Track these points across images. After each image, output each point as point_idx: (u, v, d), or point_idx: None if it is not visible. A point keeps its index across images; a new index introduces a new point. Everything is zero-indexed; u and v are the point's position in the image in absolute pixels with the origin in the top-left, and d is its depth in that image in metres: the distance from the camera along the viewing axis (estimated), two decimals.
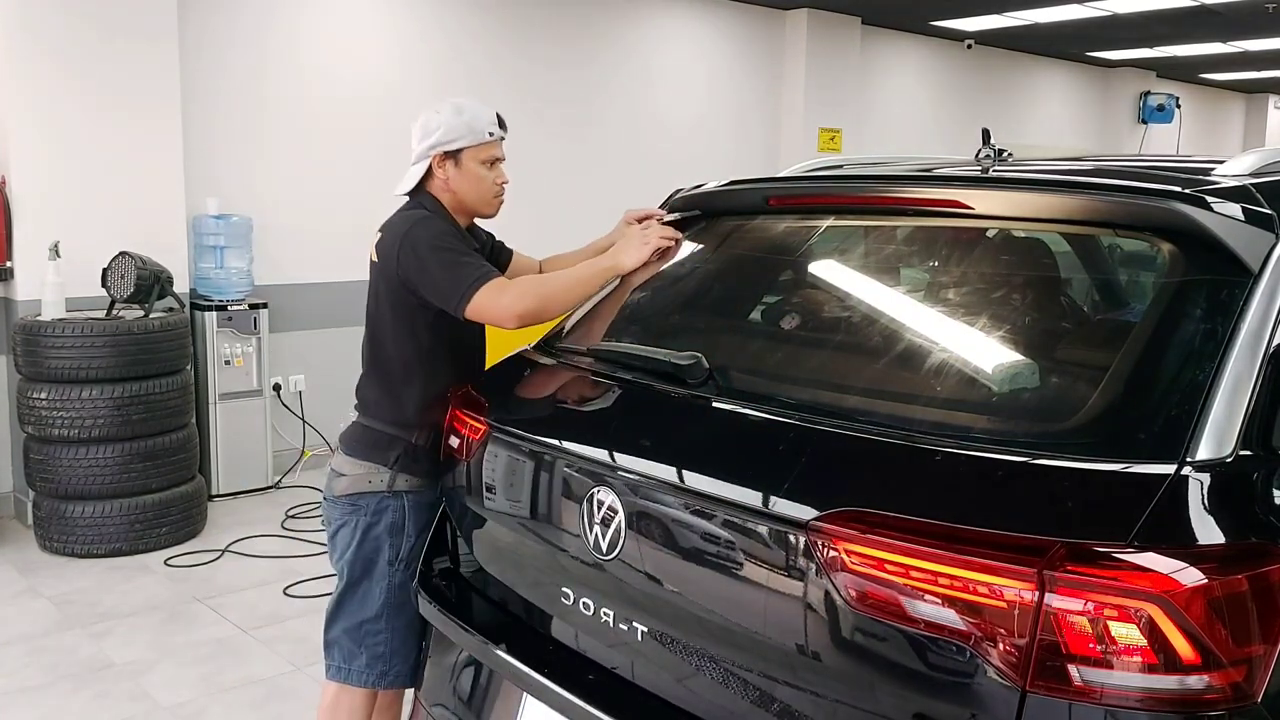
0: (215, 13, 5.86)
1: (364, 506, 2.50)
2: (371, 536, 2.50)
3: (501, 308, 2.31)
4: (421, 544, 2.50)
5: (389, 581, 2.49)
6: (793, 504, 1.59)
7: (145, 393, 4.91)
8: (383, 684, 2.53)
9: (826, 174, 2.46)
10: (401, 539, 2.49)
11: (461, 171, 2.51)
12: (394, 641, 2.51)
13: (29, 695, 3.59)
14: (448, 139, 2.48)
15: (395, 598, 2.49)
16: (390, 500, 2.49)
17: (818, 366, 2.05)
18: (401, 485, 2.49)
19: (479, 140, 2.49)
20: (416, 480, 2.49)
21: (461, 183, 2.52)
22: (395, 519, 2.49)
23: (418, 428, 2.48)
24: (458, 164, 2.50)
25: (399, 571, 2.49)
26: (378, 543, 2.49)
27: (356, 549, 2.50)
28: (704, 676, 1.75)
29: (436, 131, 2.48)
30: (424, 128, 2.51)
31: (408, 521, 2.49)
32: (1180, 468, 1.40)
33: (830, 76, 8.97)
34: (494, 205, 2.61)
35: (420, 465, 2.49)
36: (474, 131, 2.48)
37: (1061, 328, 2.02)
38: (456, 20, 6.90)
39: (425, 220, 2.46)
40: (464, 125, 2.47)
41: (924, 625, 1.43)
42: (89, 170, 5.28)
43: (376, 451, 2.51)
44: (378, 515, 2.49)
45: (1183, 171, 1.95)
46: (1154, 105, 12.18)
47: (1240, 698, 1.33)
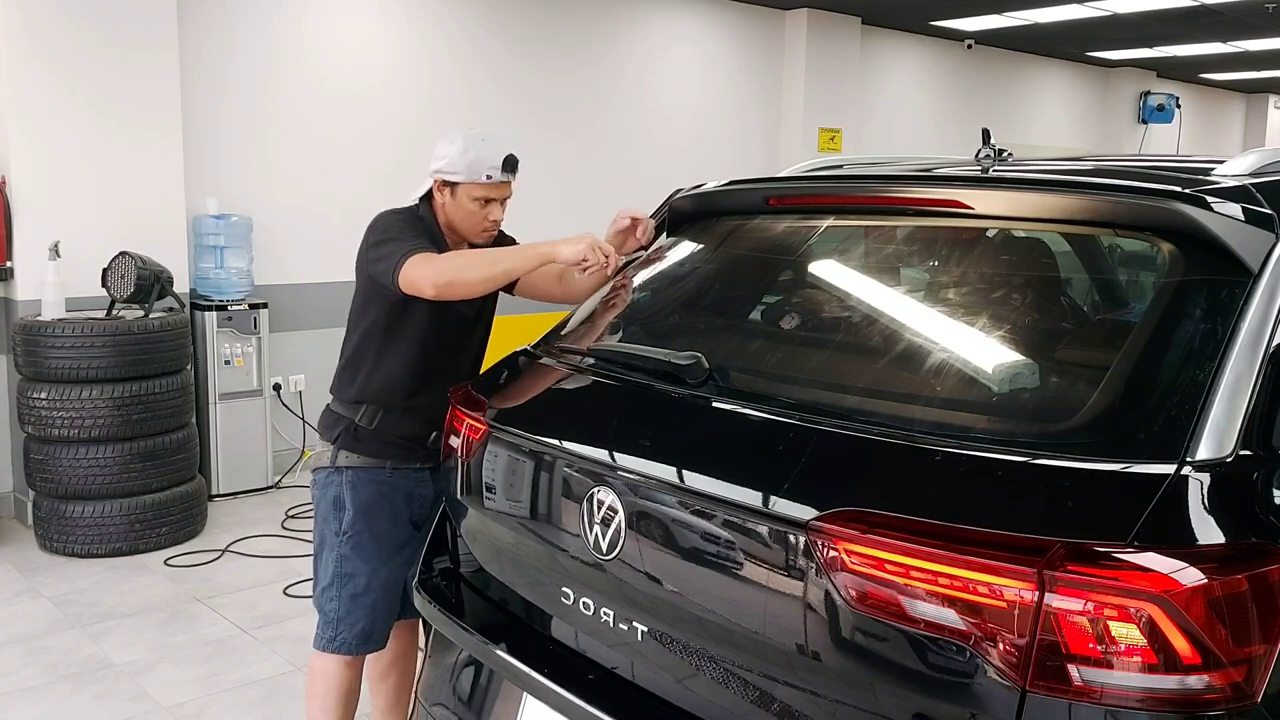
0: (215, 13, 5.86)
1: (318, 481, 2.72)
2: (322, 510, 2.71)
3: (422, 275, 2.42)
4: (369, 520, 2.64)
5: (337, 552, 2.65)
6: (793, 504, 1.59)
7: (145, 393, 4.91)
8: (330, 648, 2.66)
9: (826, 174, 2.46)
10: (343, 513, 2.64)
11: (456, 202, 2.65)
12: (340, 609, 2.65)
13: (29, 695, 3.59)
14: (448, 171, 2.62)
15: (342, 568, 2.64)
16: (334, 475, 2.67)
17: (818, 366, 2.04)
18: (343, 461, 2.66)
19: (474, 179, 2.61)
20: (357, 458, 2.65)
21: (454, 211, 2.66)
22: (337, 493, 2.66)
23: (363, 406, 2.64)
24: (453, 195, 2.64)
25: (344, 543, 2.64)
26: (326, 516, 2.69)
27: (317, 521, 2.74)
28: (704, 676, 1.75)
29: (442, 160, 2.62)
30: (437, 151, 2.65)
31: (346, 497, 2.64)
32: (1180, 468, 1.40)
33: (830, 76, 8.97)
34: (482, 238, 2.70)
35: (362, 444, 2.65)
36: (472, 171, 2.60)
37: (1062, 328, 2.02)
38: (455, 21, 6.90)
39: (389, 213, 2.65)
40: (465, 163, 2.59)
41: (924, 625, 1.43)
42: (89, 170, 5.28)
43: (326, 429, 2.74)
44: (324, 489, 2.69)
45: (1183, 171, 1.95)
46: (1154, 105, 12.18)
47: (1240, 698, 1.33)
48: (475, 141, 2.61)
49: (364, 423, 2.65)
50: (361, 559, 2.64)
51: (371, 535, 2.64)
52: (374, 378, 2.65)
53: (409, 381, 2.65)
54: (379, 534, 2.65)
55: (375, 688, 2.97)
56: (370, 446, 2.65)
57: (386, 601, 2.68)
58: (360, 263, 2.61)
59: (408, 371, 2.64)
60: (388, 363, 2.64)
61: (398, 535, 2.68)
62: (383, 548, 2.66)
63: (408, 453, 2.68)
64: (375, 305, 2.62)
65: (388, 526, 2.66)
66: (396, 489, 2.68)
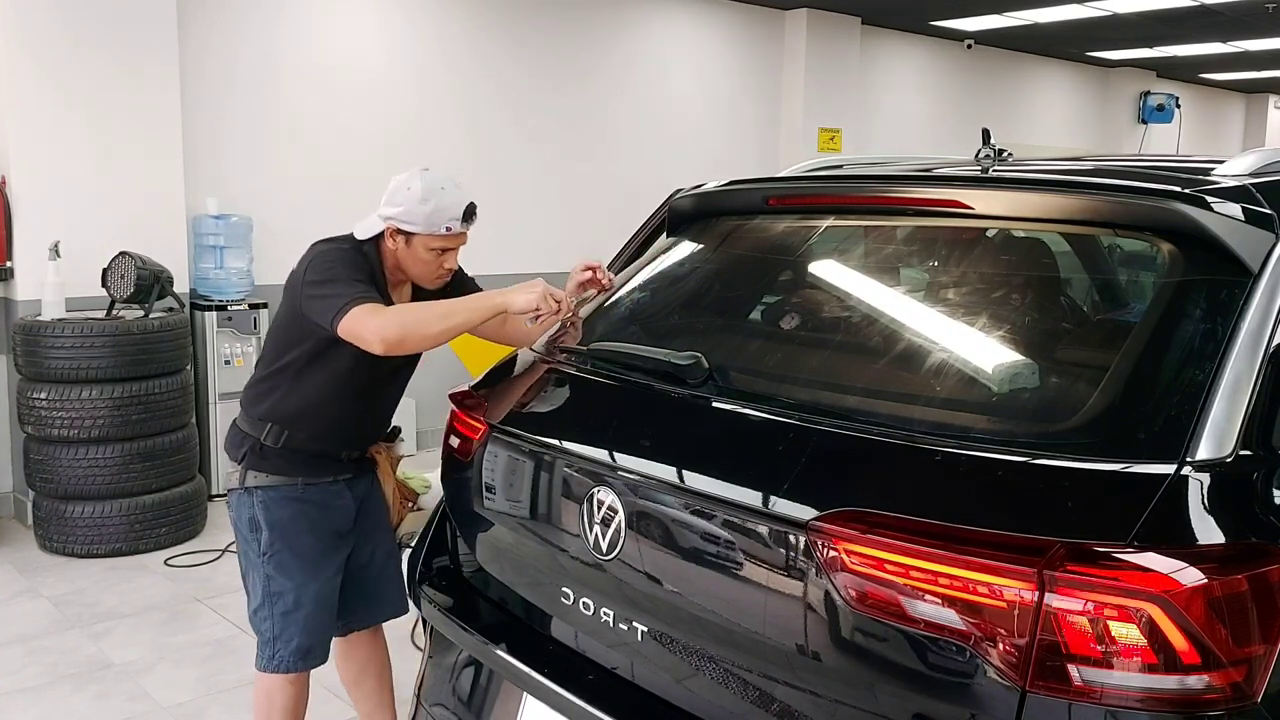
0: (215, 14, 5.86)
1: (231, 503, 2.66)
2: (241, 532, 2.66)
3: (369, 329, 2.31)
4: (287, 538, 2.58)
5: (262, 572, 2.60)
6: (793, 504, 1.59)
7: (145, 393, 4.91)
8: (270, 667, 2.62)
9: (826, 174, 2.46)
10: (260, 533, 2.59)
11: (410, 250, 2.53)
12: (275, 628, 2.60)
13: (29, 695, 3.59)
14: (405, 220, 2.49)
15: (271, 586, 2.60)
16: (245, 496, 2.61)
17: (817, 366, 2.04)
18: (252, 482, 2.59)
19: (433, 232, 2.49)
20: (265, 477, 2.59)
21: (407, 259, 2.55)
22: (251, 514, 2.60)
23: (267, 424, 2.57)
24: (408, 243, 2.52)
25: (267, 563, 2.59)
26: (245, 537, 2.64)
27: (238, 542, 2.69)
28: (704, 676, 1.75)
29: (398, 208, 2.49)
30: (391, 193, 2.51)
31: (260, 517, 2.59)
32: (1180, 468, 1.40)
33: (830, 76, 8.97)
34: (433, 284, 2.61)
35: (269, 463, 2.58)
36: (430, 223, 2.48)
37: (1061, 328, 2.02)
38: (454, 22, 6.90)
39: (331, 249, 2.52)
40: (423, 215, 2.47)
41: (924, 625, 1.43)
42: (89, 170, 5.28)
43: (232, 448, 2.66)
44: (238, 511, 2.64)
45: (1183, 171, 1.95)
46: (1154, 105, 12.18)
47: (1240, 698, 1.33)
48: (434, 190, 2.47)
49: (270, 441, 2.57)
50: (286, 577, 2.59)
51: (293, 552, 2.59)
52: (287, 402, 2.57)
53: (324, 410, 2.58)
54: (301, 550, 2.60)
55: (353, 694, 2.97)
56: (278, 464, 2.59)
57: (320, 615, 2.63)
58: (293, 291, 2.50)
59: (325, 403, 2.57)
60: (305, 391, 2.56)
61: (321, 548, 2.62)
62: (307, 563, 2.60)
63: (318, 469, 2.62)
64: (304, 336, 2.51)
65: (309, 541, 2.61)
66: (311, 503, 2.62)
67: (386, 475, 2.82)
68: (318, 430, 2.60)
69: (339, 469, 2.66)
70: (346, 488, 2.68)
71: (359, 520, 2.73)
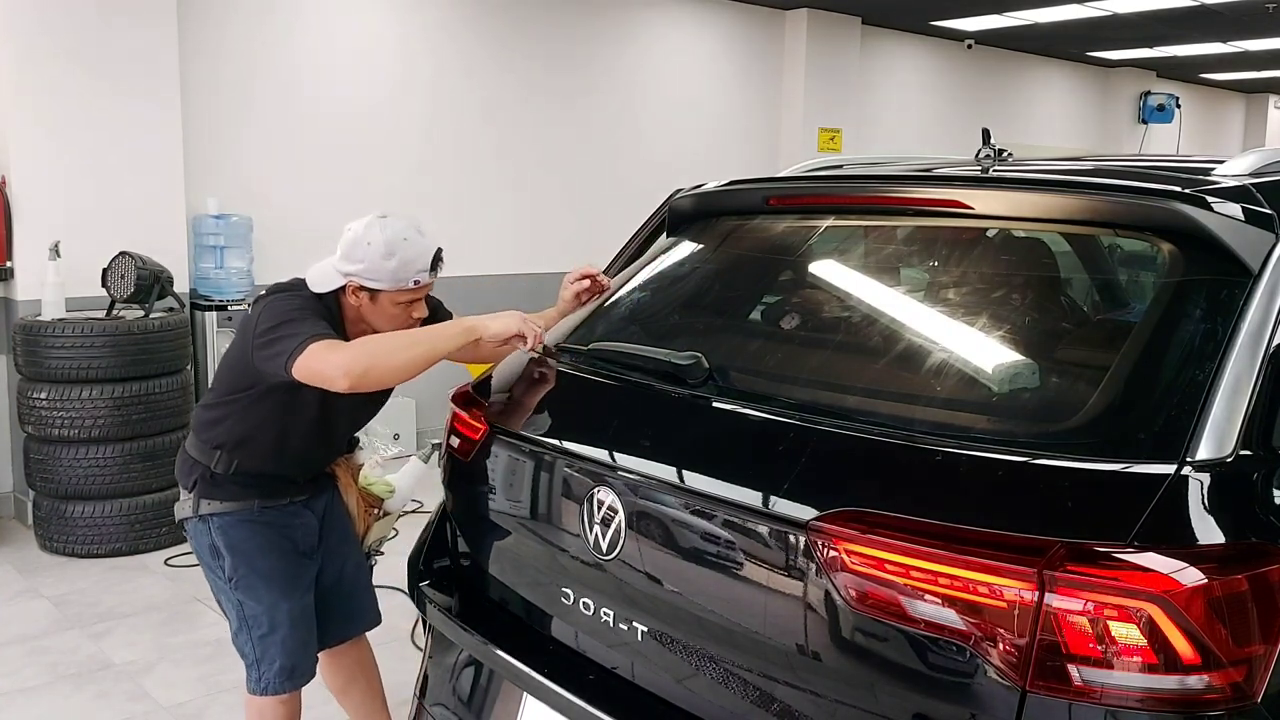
0: (215, 14, 5.86)
1: (188, 531, 2.58)
2: (203, 560, 2.58)
3: (331, 365, 2.18)
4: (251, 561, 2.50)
5: (233, 598, 2.54)
6: (793, 504, 1.59)
7: (145, 393, 4.91)
8: (258, 690, 2.56)
9: (826, 174, 2.46)
10: (224, 559, 2.51)
11: (376, 306, 2.39)
12: (256, 651, 2.54)
13: (29, 695, 3.59)
14: (368, 278, 2.34)
15: (245, 611, 2.53)
16: (199, 524, 2.53)
17: (818, 366, 2.04)
18: (205, 510, 2.51)
19: (400, 287, 2.36)
20: (219, 504, 2.50)
21: (372, 314, 2.41)
22: (209, 541, 2.53)
23: (217, 452, 2.48)
24: (373, 300, 2.38)
25: (235, 588, 2.52)
26: (209, 564, 2.56)
27: (203, 570, 2.61)
28: (704, 676, 1.75)
29: (358, 264, 2.33)
30: (349, 248, 2.35)
31: (219, 543, 2.51)
32: (1180, 468, 1.40)
33: (830, 76, 8.97)
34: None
35: (222, 489, 2.50)
36: (397, 279, 2.34)
37: (1062, 328, 2.02)
38: (458, 21, 6.90)
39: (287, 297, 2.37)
40: (389, 271, 2.32)
41: (924, 625, 1.43)
42: (89, 170, 5.28)
43: (183, 475, 2.57)
44: (196, 540, 2.56)
45: (1183, 171, 1.95)
46: (1154, 105, 12.18)
47: (1240, 698, 1.33)
48: (397, 243, 2.30)
49: (220, 469, 2.48)
50: (256, 600, 2.52)
51: (258, 575, 2.51)
52: (236, 431, 2.46)
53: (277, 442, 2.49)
54: (266, 572, 2.52)
55: (343, 703, 2.93)
56: (230, 490, 2.50)
57: (298, 634, 2.56)
58: (244, 339, 2.37)
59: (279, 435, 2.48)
60: (255, 422, 2.45)
61: (285, 568, 2.55)
62: (274, 584, 2.53)
63: (273, 492, 2.54)
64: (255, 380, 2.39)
65: (273, 562, 2.53)
66: (269, 525, 2.53)
67: (348, 487, 2.74)
68: (269, 459, 2.51)
69: (295, 490, 2.58)
70: (305, 506, 2.60)
71: (324, 537, 2.66)
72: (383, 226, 2.33)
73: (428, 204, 6.70)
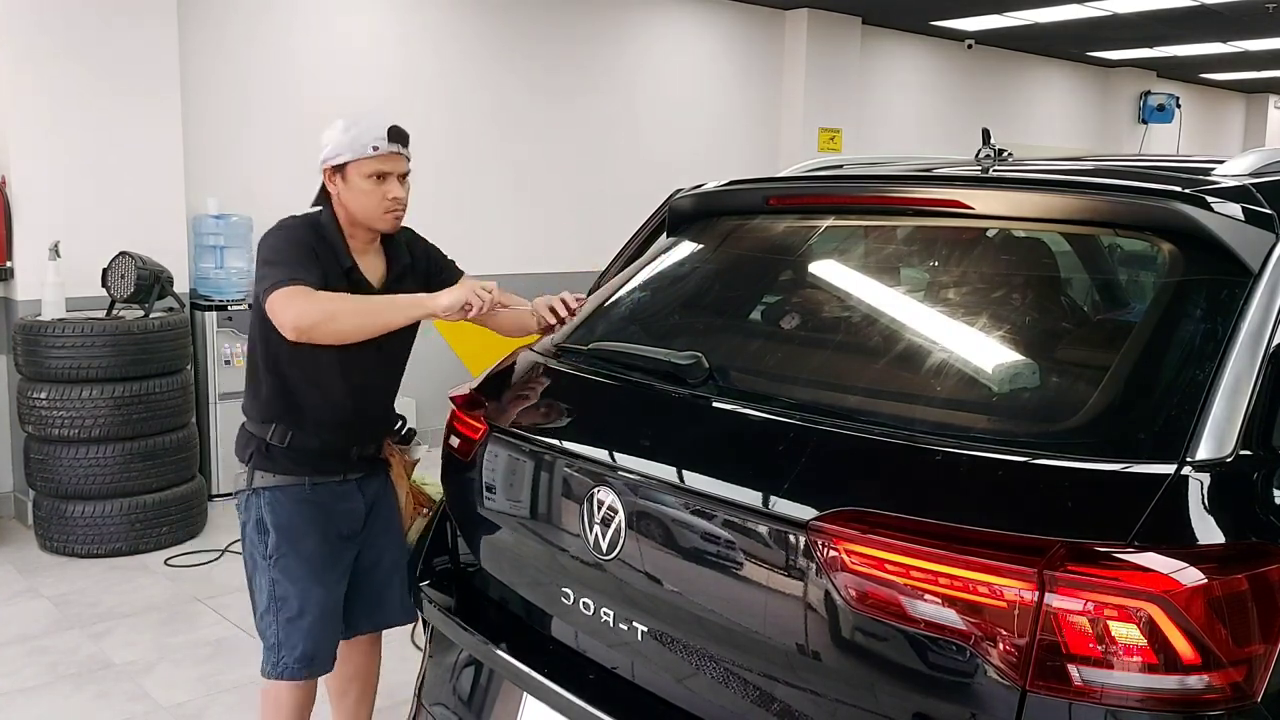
0: (215, 13, 5.86)
1: (239, 505, 2.63)
2: (247, 534, 2.61)
3: (283, 311, 2.31)
4: (293, 541, 2.54)
5: (268, 576, 2.56)
6: (793, 504, 1.59)
7: (145, 393, 4.91)
8: (274, 674, 2.57)
9: (826, 174, 2.46)
10: (268, 535, 2.55)
11: (349, 186, 2.50)
12: (279, 634, 2.56)
13: (29, 695, 3.59)
14: (332, 154, 2.49)
15: (276, 591, 2.55)
16: (252, 498, 2.58)
17: (818, 366, 2.04)
18: (259, 482, 2.57)
19: (360, 155, 2.46)
20: (272, 477, 2.56)
21: (349, 197, 2.51)
22: (258, 516, 2.57)
23: (271, 424, 2.54)
24: (345, 180, 2.50)
25: (272, 566, 2.54)
26: (252, 539, 2.60)
27: (243, 545, 2.64)
28: (704, 676, 1.75)
29: (325, 147, 2.50)
30: (320, 143, 2.52)
31: (266, 518, 2.55)
32: (1180, 467, 1.40)
33: (830, 76, 8.97)
34: (386, 221, 2.55)
35: (276, 463, 2.55)
36: (356, 146, 2.46)
37: (1062, 328, 2.02)
38: (457, 20, 6.90)
39: (284, 226, 2.51)
40: (348, 141, 2.46)
41: (924, 625, 1.43)
42: (89, 170, 5.28)
43: (240, 449, 2.64)
44: (246, 513, 2.60)
45: (1183, 171, 1.95)
46: (1154, 105, 12.18)
47: (1240, 698, 1.33)
48: (356, 117, 2.50)
49: (275, 440, 2.54)
50: (291, 581, 2.54)
51: (298, 557, 2.54)
52: (279, 398, 2.55)
53: (316, 400, 2.55)
54: (306, 554, 2.55)
55: (335, 704, 2.92)
56: (284, 464, 2.55)
57: (325, 622, 2.58)
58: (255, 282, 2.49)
59: (313, 391, 2.54)
60: (294, 385, 2.54)
61: (327, 553, 2.58)
62: (312, 568, 2.55)
63: (327, 466, 2.59)
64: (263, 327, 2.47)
65: (315, 545, 2.56)
66: (319, 505, 2.57)
67: (400, 479, 2.78)
68: (320, 422, 2.55)
69: (348, 467, 2.62)
70: (357, 488, 2.64)
71: (368, 523, 2.68)
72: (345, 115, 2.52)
73: (427, 204, 6.69)
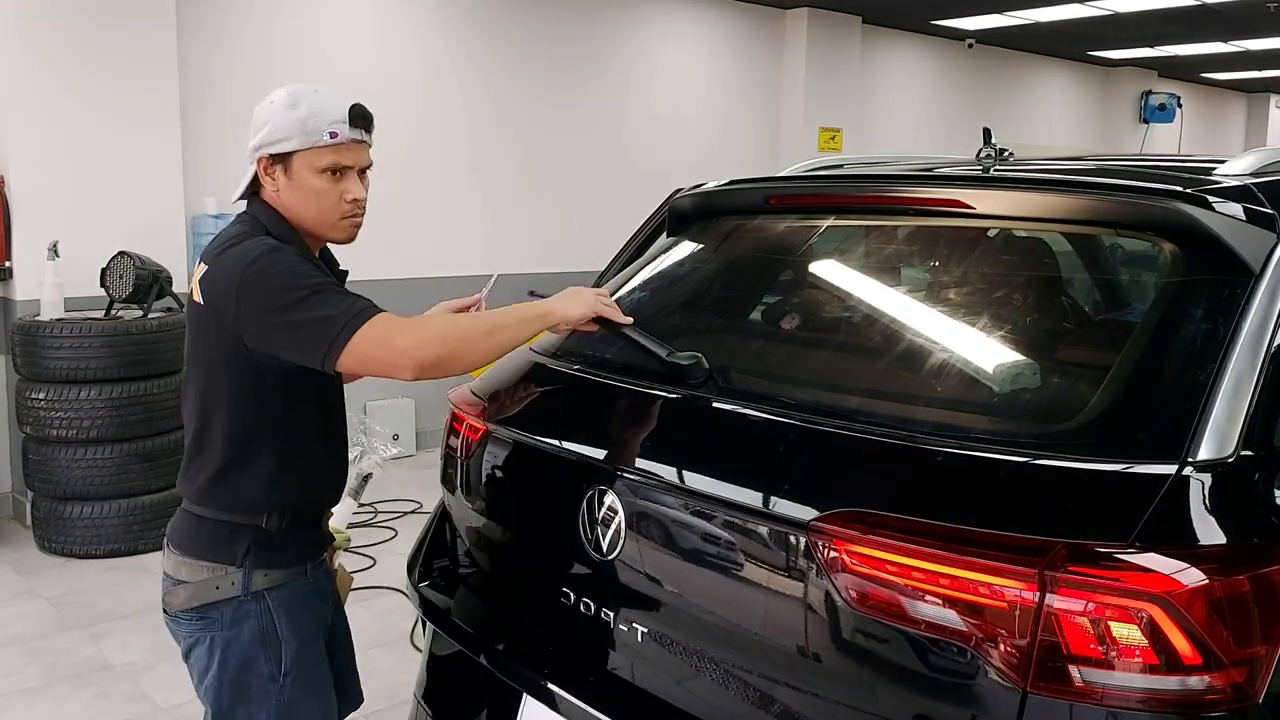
0: (214, 12, 5.86)
1: (217, 619, 1.96)
2: (235, 654, 1.96)
3: (396, 352, 1.79)
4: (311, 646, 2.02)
5: (276, 701, 1.97)
6: (793, 504, 1.58)
7: (144, 393, 4.91)
8: None
9: (826, 174, 2.46)
10: (279, 647, 1.97)
11: (293, 182, 1.92)
12: None
13: (27, 696, 3.59)
14: (271, 139, 1.91)
15: (290, 716, 1.99)
16: (251, 604, 1.95)
17: (818, 367, 2.04)
18: (261, 584, 1.96)
19: (313, 143, 1.89)
20: (280, 573, 1.98)
21: (294, 196, 1.93)
22: (263, 625, 1.96)
23: (269, 510, 1.95)
24: (287, 172, 1.92)
25: (286, 688, 1.97)
26: (246, 659, 1.96)
27: (219, 672, 1.96)
28: (704, 677, 1.74)
29: (264, 127, 1.91)
30: (254, 121, 1.94)
31: (279, 626, 1.97)
32: (1181, 468, 1.40)
33: (830, 76, 8.97)
34: (342, 229, 1.99)
35: (281, 554, 1.98)
36: (307, 131, 1.89)
37: (1063, 328, 2.02)
38: (455, 20, 6.89)
39: (268, 254, 1.85)
40: (295, 122, 1.89)
41: (925, 626, 1.43)
42: (88, 170, 5.28)
43: (219, 548, 1.96)
44: (237, 626, 1.95)
45: (1184, 171, 1.95)
46: (1155, 105, 12.18)
47: (1241, 698, 1.32)
48: (304, 94, 1.91)
49: (275, 525, 1.96)
50: (313, 696, 2.02)
51: (314, 665, 2.03)
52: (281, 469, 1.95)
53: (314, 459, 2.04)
54: (320, 659, 2.06)
55: None
56: (288, 555, 1.99)
57: None
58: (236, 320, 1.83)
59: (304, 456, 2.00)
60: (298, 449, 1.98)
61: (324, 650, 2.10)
62: (324, 672, 2.07)
63: (319, 541, 2.12)
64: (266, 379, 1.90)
65: (323, 645, 2.09)
66: (318, 595, 2.08)
67: None
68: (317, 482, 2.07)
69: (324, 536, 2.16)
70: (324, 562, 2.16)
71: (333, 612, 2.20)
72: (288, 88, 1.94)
73: (427, 204, 6.71)
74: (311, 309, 1.80)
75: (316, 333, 1.79)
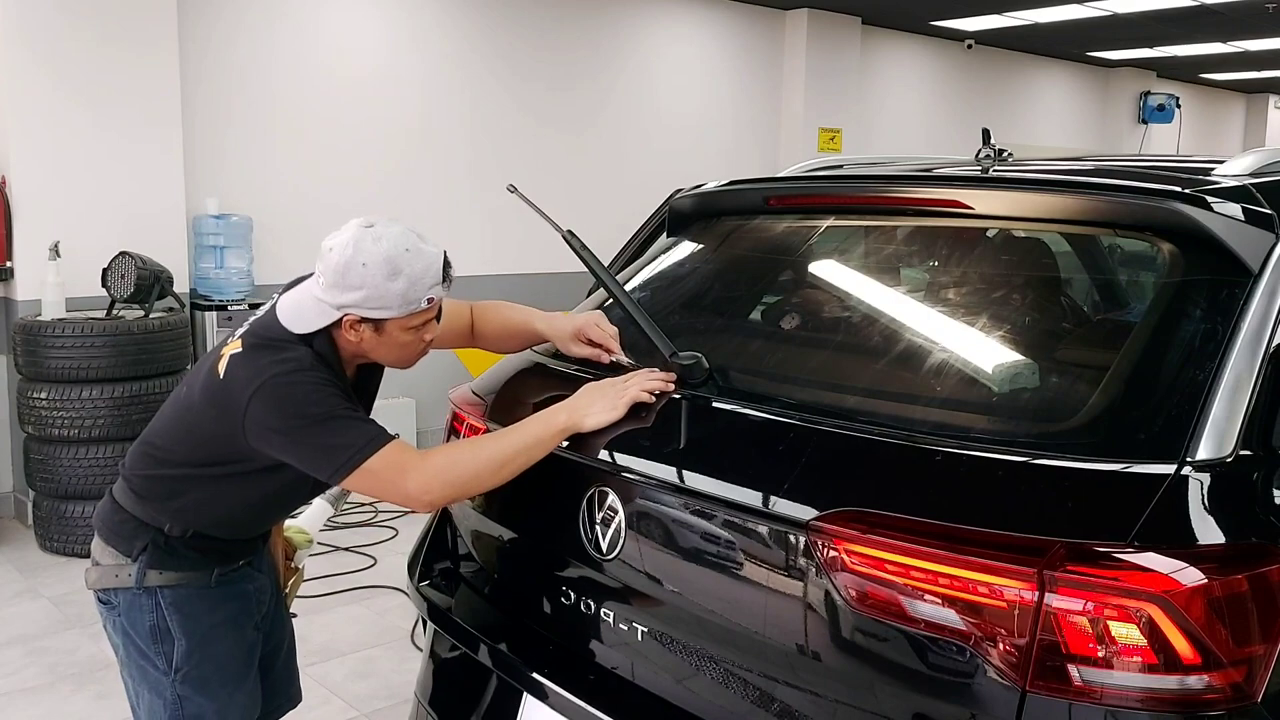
0: (215, 12, 5.86)
1: (117, 605, 2.04)
2: (132, 641, 2.04)
3: (406, 497, 1.84)
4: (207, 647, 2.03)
5: (171, 694, 2.02)
6: (793, 504, 1.59)
7: (145, 393, 4.91)
8: None
9: (826, 174, 2.46)
10: (171, 644, 2.01)
11: (382, 338, 1.94)
12: None
13: (29, 696, 3.59)
14: (370, 306, 1.87)
15: (185, 710, 2.03)
16: (144, 598, 2.01)
17: (818, 367, 2.05)
18: (154, 580, 2.00)
19: (412, 310, 1.91)
20: (174, 575, 2.01)
21: (377, 348, 1.96)
22: (153, 621, 2.01)
23: (171, 523, 2.01)
24: (379, 330, 1.92)
25: (178, 684, 2.01)
26: (141, 649, 2.04)
27: (125, 654, 2.07)
28: (704, 676, 1.75)
29: (358, 291, 1.85)
30: (340, 274, 1.85)
31: (171, 623, 2.00)
32: (1180, 468, 1.40)
33: (830, 76, 8.97)
34: (412, 364, 2.07)
35: (177, 559, 2.01)
36: (409, 302, 1.89)
37: (1062, 328, 2.02)
38: (456, 19, 6.90)
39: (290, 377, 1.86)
40: (397, 295, 1.86)
41: (924, 625, 1.43)
42: (89, 170, 5.28)
43: (121, 539, 2.04)
44: (131, 616, 2.02)
45: (1183, 171, 1.95)
46: (1154, 105, 12.18)
47: (1240, 698, 1.33)
48: (400, 258, 1.84)
49: (175, 533, 2.01)
50: (208, 696, 2.04)
51: (214, 663, 2.04)
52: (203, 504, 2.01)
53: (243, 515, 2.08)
54: (222, 658, 2.06)
55: None
56: (188, 558, 2.02)
57: None
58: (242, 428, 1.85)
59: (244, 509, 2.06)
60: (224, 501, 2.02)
61: (243, 649, 2.10)
62: (230, 673, 2.07)
63: (233, 554, 2.10)
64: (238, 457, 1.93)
65: (231, 645, 2.07)
66: (227, 596, 2.07)
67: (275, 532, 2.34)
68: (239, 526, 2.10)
69: (250, 548, 2.15)
70: (253, 566, 2.17)
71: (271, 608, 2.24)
72: (375, 239, 1.85)
73: (427, 204, 6.71)
74: (328, 433, 1.84)
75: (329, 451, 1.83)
